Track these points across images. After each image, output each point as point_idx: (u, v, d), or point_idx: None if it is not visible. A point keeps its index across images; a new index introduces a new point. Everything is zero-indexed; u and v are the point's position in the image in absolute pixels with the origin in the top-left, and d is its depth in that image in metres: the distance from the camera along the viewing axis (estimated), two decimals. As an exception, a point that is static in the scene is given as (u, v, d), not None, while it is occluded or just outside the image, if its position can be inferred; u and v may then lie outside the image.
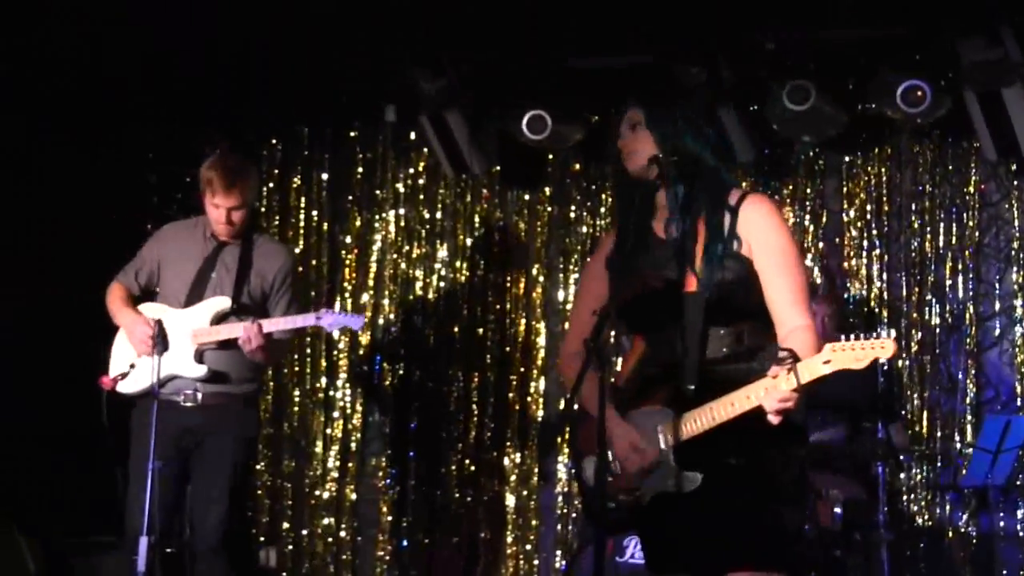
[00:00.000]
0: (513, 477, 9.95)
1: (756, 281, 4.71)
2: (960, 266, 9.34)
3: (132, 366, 7.06)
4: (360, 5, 8.75)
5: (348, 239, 10.40)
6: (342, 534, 10.21)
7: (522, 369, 10.01)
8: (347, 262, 10.40)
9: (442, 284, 10.26)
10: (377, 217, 10.37)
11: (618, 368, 5.10)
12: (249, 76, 9.91)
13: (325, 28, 9.14)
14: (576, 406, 4.85)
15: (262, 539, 10.14)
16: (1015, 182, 9.28)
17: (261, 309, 7.14)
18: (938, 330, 9.33)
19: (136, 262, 7.34)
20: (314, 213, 10.47)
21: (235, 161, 7.15)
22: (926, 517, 9.17)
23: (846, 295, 9.42)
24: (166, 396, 6.94)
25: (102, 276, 7.42)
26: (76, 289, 7.34)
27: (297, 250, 10.36)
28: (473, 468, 10.04)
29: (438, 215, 10.32)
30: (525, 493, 9.92)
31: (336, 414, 10.29)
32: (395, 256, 10.31)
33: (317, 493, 10.25)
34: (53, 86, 9.19)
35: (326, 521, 10.22)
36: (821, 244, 9.60)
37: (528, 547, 9.88)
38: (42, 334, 9.02)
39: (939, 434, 9.22)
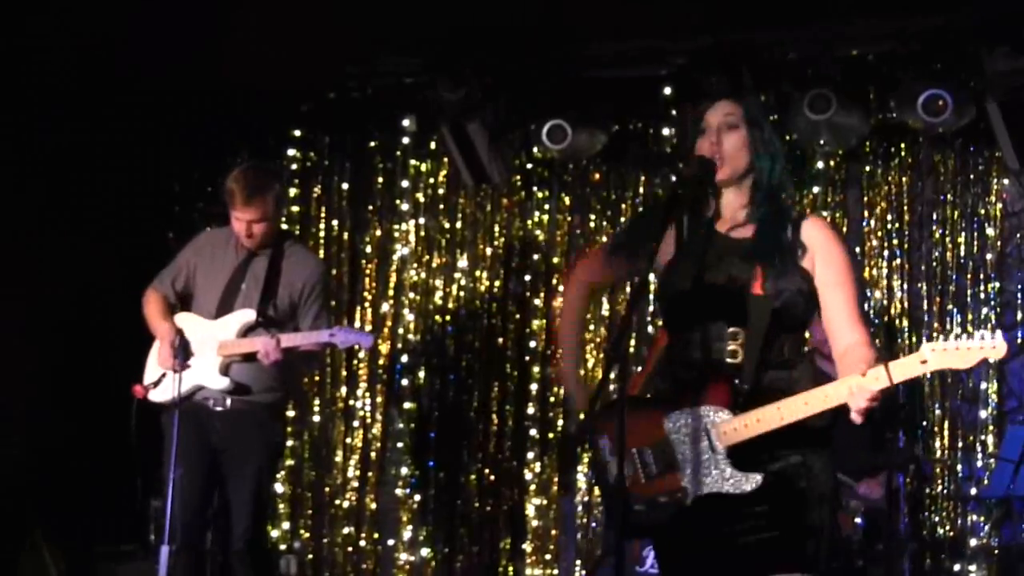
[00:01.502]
0: (533, 487, 9.94)
1: (813, 295, 4.66)
2: (982, 275, 9.32)
3: (163, 375, 7.11)
4: (380, 15, 8.76)
5: (368, 249, 10.42)
6: (362, 543, 10.21)
7: (542, 379, 10.00)
8: (367, 271, 10.41)
9: (462, 294, 10.26)
10: (397, 227, 10.37)
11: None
12: (269, 86, 9.93)
13: (346, 38, 9.16)
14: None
15: (283, 548, 10.15)
16: (1036, 191, 9.27)
17: (291, 319, 7.17)
18: (959, 340, 9.28)
19: (172, 269, 7.39)
20: (334, 223, 10.48)
21: (256, 175, 7.17)
22: (948, 527, 9.14)
23: (867, 305, 9.38)
24: (197, 401, 7.05)
25: (125, 285, 7.45)
26: (100, 298, 7.37)
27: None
28: (493, 478, 10.03)
29: (458, 225, 10.32)
30: (545, 503, 9.91)
31: (356, 423, 10.30)
32: (415, 266, 10.32)
33: (337, 502, 10.26)
34: (77, 95, 9.21)
35: (346, 530, 10.23)
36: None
37: (548, 556, 9.87)
38: (67, 343, 9.04)
39: (961, 444, 9.19)
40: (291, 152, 10.50)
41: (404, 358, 10.29)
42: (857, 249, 9.52)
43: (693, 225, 4.83)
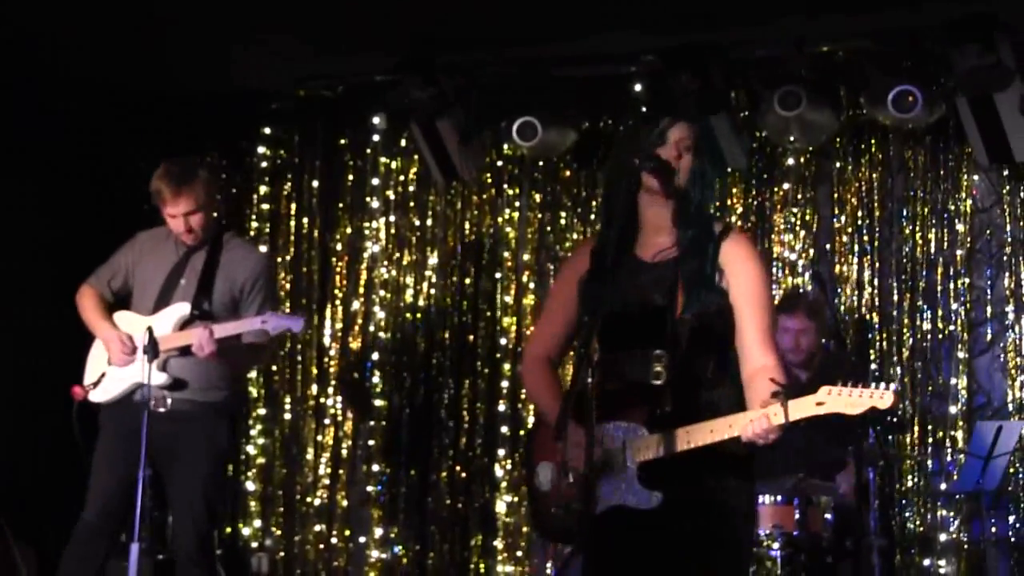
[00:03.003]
0: (504, 484, 9.93)
1: (730, 315, 4.81)
2: (952, 271, 9.33)
3: (103, 375, 7.02)
4: (351, 12, 8.75)
5: (339, 246, 10.41)
6: (333, 541, 10.20)
7: (512, 376, 10.00)
8: (338, 269, 10.41)
9: (432, 291, 10.26)
10: (367, 224, 10.37)
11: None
12: (239, 84, 9.92)
13: (317, 36, 9.14)
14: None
15: (254, 546, 10.14)
16: (1007, 187, 9.27)
17: (232, 314, 7.02)
18: (929, 336, 9.31)
19: (109, 268, 7.29)
20: (305, 220, 10.48)
21: (179, 167, 7.06)
22: (917, 523, 9.15)
23: (837, 300, 9.39)
24: (136, 401, 6.88)
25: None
26: (68, 296, 7.32)
27: (288, 257, 10.38)
28: (464, 475, 10.03)
29: (428, 222, 10.32)
30: (516, 500, 9.90)
31: (327, 421, 10.29)
32: (385, 263, 10.31)
33: (308, 500, 10.25)
34: (44, 95, 9.18)
35: (317, 528, 10.22)
36: (812, 250, 9.58)
37: (519, 553, 9.86)
38: (36, 341, 9.01)
39: (930, 440, 9.21)
40: (261, 150, 10.50)
41: (375, 355, 10.27)
42: (827, 246, 9.54)
43: (610, 248, 4.88)
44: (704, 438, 4.61)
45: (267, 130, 10.46)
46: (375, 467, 10.19)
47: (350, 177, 10.46)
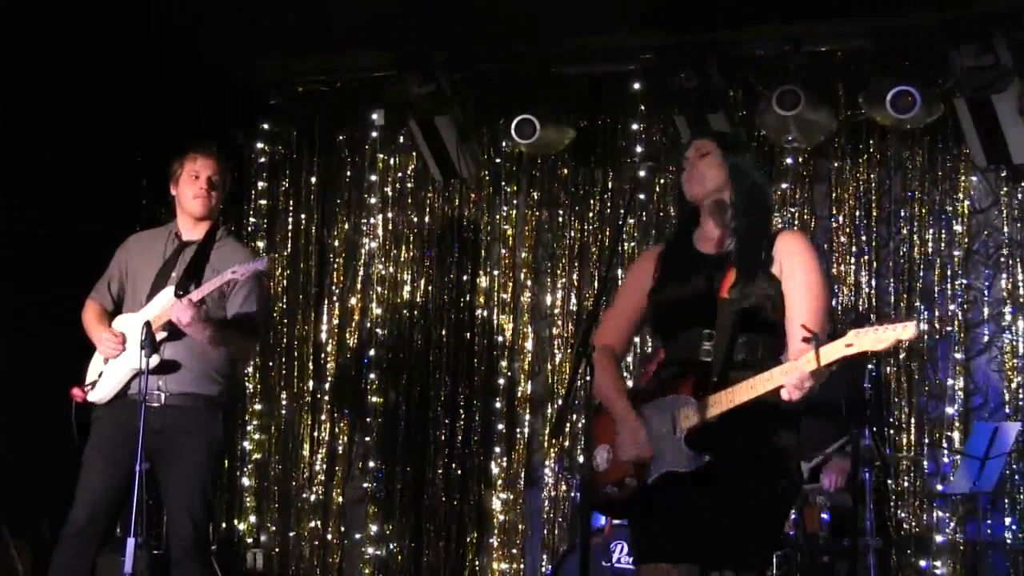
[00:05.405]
0: (500, 481, 9.93)
1: (781, 302, 5.05)
2: (949, 272, 9.32)
3: (100, 375, 6.98)
4: (350, 9, 8.75)
5: (336, 243, 10.41)
6: (328, 537, 10.20)
7: (509, 373, 10.00)
8: (335, 266, 10.41)
9: (430, 288, 10.25)
10: (365, 221, 10.37)
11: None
12: (238, 79, 9.91)
13: (316, 32, 9.14)
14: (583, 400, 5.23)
15: (249, 542, 10.13)
16: (1004, 188, 9.27)
17: (219, 308, 6.96)
18: (927, 336, 9.31)
19: (106, 276, 7.20)
20: (302, 216, 10.48)
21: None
22: (913, 524, 9.15)
23: (835, 301, 9.38)
24: (131, 397, 6.80)
25: (93, 279, 7.39)
26: (68, 293, 7.30)
27: (285, 253, 10.39)
28: (459, 472, 10.03)
29: (426, 219, 10.32)
30: (511, 497, 9.90)
31: (323, 417, 10.28)
32: (383, 260, 10.31)
33: (304, 496, 10.25)
34: (43, 90, 9.17)
35: (313, 524, 10.22)
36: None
37: (514, 551, 9.86)
38: (35, 341, 9.00)
39: (927, 440, 9.21)
40: (259, 145, 10.51)
41: (371, 352, 10.27)
42: (825, 246, 9.52)
43: (674, 247, 5.32)
44: (745, 395, 4.83)
45: (265, 126, 10.47)
46: (371, 463, 10.20)
47: (348, 173, 10.47)
